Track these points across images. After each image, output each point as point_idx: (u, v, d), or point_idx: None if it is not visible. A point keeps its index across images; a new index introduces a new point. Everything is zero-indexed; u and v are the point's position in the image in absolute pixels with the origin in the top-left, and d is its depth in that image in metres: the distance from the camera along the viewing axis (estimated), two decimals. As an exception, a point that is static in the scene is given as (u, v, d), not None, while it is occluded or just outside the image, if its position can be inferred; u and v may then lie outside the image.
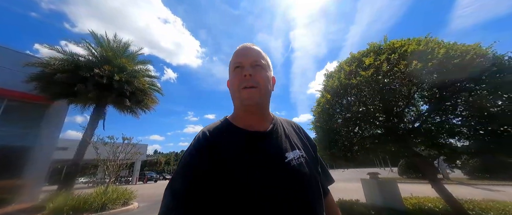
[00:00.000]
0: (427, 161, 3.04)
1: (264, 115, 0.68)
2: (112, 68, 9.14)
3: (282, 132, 0.69)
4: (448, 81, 2.08)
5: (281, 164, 0.58)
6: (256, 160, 0.56)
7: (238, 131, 0.63)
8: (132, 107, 10.95)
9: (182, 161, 0.57)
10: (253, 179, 0.52)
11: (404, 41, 2.61)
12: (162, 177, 35.60)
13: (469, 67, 1.95)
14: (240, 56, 0.66)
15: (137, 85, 10.01)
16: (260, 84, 0.62)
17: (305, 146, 0.70)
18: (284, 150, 0.61)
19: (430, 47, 2.22)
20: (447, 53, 2.06)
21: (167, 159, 56.39)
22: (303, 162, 0.61)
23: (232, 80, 0.66)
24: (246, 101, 0.61)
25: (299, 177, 0.57)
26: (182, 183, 0.52)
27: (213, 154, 0.55)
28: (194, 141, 0.60)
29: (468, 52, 2.02)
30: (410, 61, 2.17)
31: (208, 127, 0.65)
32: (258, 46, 0.70)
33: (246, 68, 0.62)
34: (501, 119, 1.84)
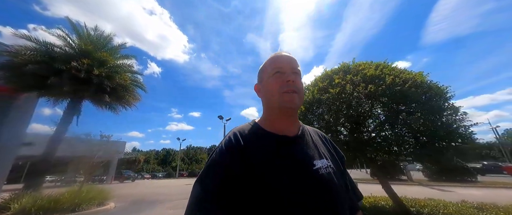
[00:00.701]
0: (385, 165, 3.51)
1: (295, 121, 0.69)
2: (91, 62, 8.70)
3: (310, 139, 0.69)
4: (392, 103, 2.57)
5: (310, 171, 0.57)
6: (285, 165, 0.56)
7: (268, 135, 0.63)
8: (112, 104, 10.50)
9: (212, 159, 0.58)
10: (282, 184, 0.52)
11: (366, 64, 3.09)
12: (141, 176, 34.00)
13: (406, 94, 2.45)
14: (281, 62, 0.68)
15: (118, 81, 9.62)
16: (300, 90, 0.64)
17: (332, 157, 0.69)
18: (312, 157, 0.61)
19: (383, 73, 2.71)
20: (393, 80, 2.56)
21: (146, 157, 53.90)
22: (331, 172, 0.60)
23: (272, 83, 0.66)
24: (288, 104, 0.62)
25: (328, 187, 0.56)
26: (213, 179, 0.53)
27: (244, 156, 0.56)
28: (225, 141, 0.61)
29: (407, 81, 2.54)
30: (367, 83, 2.63)
31: (238, 129, 0.66)
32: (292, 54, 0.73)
33: (287, 73, 0.64)
34: (425, 135, 2.36)
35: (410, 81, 2.51)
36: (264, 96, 0.70)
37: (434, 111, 2.46)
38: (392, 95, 2.51)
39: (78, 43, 9.25)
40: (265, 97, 0.69)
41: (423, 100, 2.49)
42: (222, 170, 0.54)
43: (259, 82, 0.74)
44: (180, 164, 50.83)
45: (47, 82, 7.78)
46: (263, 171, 0.53)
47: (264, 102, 0.70)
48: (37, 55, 8.02)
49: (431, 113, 2.44)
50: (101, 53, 9.36)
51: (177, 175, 37.65)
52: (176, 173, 38.18)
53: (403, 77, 2.60)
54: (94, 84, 8.76)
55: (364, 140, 2.88)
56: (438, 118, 2.46)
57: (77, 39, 9.30)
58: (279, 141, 0.62)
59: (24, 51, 7.74)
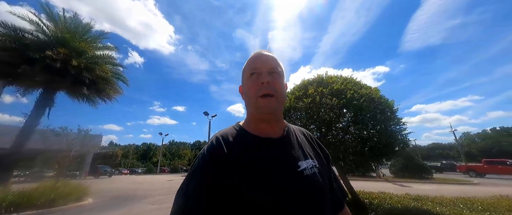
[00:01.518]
0: (350, 163, 4.00)
1: (278, 122, 0.67)
2: (69, 52, 8.23)
3: (295, 140, 0.67)
4: (351, 113, 3.09)
5: (294, 173, 0.57)
6: (270, 168, 0.55)
7: (252, 137, 0.62)
8: (90, 96, 10.02)
9: (194, 166, 0.58)
10: (267, 188, 0.51)
11: (335, 78, 3.59)
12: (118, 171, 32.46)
13: (361, 106, 2.97)
14: (257, 62, 0.65)
15: (99, 72, 9.22)
16: (277, 92, 0.61)
17: (317, 156, 0.68)
18: (297, 158, 0.60)
19: (346, 88, 3.21)
20: (352, 95, 3.06)
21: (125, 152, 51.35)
22: (316, 172, 0.60)
23: (248, 86, 0.64)
24: (264, 110, 0.61)
25: (313, 189, 0.56)
26: (194, 186, 0.52)
27: (227, 161, 0.55)
28: (207, 146, 0.60)
29: (363, 96, 3.06)
30: (334, 96, 3.11)
31: (221, 133, 0.65)
32: (273, 52, 0.69)
33: (263, 74, 0.62)
34: (371, 141, 2.93)
35: (364, 96, 3.03)
36: (245, 99, 0.68)
37: (384, 122, 3.02)
38: (351, 107, 3.02)
39: (54, 30, 8.64)
40: (246, 101, 0.68)
41: (376, 112, 3.03)
42: (205, 178, 0.53)
43: (242, 83, 0.71)
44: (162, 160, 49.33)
45: (17, 70, 7.25)
46: (247, 176, 0.52)
47: (246, 104, 0.68)
48: (6, 41, 7.39)
49: (382, 123, 3.00)
50: (80, 42, 8.87)
51: (158, 170, 36.63)
52: (157, 168, 37.12)
53: (360, 92, 3.11)
54: (72, 76, 8.32)
55: (330, 142, 3.36)
56: (384, 128, 3.02)
57: (53, 26, 8.67)
58: (263, 143, 0.61)
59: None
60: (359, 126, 2.94)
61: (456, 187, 8.71)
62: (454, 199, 2.89)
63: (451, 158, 45.63)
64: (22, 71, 7.21)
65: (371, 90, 3.31)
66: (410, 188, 8.46)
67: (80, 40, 9.17)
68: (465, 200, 2.79)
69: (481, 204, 2.52)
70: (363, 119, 3.06)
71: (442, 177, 14.27)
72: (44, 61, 7.60)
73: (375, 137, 2.95)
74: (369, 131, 2.98)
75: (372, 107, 3.02)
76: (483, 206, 2.41)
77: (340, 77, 3.58)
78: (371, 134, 3.01)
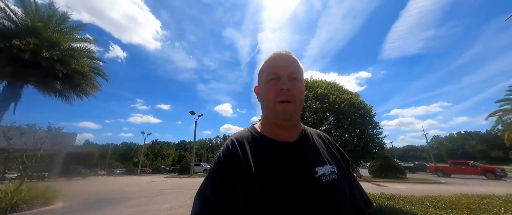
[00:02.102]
0: None
1: (295, 127, 0.66)
2: (39, 42, 7.55)
3: (313, 144, 0.65)
4: (332, 117, 3.25)
5: (312, 179, 0.54)
6: (286, 173, 0.53)
7: (267, 141, 0.61)
8: (64, 92, 9.28)
9: (211, 169, 0.58)
10: (283, 194, 0.50)
11: (320, 82, 3.74)
12: (94, 172, 30.39)
13: (342, 111, 3.14)
14: (277, 66, 0.63)
15: (74, 66, 8.58)
16: (296, 99, 0.59)
17: (337, 161, 0.64)
18: (314, 164, 0.58)
19: (329, 92, 3.36)
20: (334, 99, 3.22)
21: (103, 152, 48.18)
22: (335, 179, 0.57)
23: (266, 90, 0.62)
24: (281, 116, 0.59)
25: (332, 195, 0.53)
26: (211, 190, 0.53)
27: (242, 164, 0.54)
28: (223, 149, 0.60)
29: (344, 100, 3.24)
30: (317, 100, 3.23)
31: (237, 136, 0.64)
32: (293, 54, 0.67)
33: (283, 80, 0.60)
34: (351, 144, 3.12)
35: (346, 101, 3.21)
36: (261, 102, 0.66)
37: (363, 126, 3.21)
38: (332, 111, 3.17)
39: (23, 18, 7.88)
40: (262, 104, 0.66)
41: (356, 116, 3.22)
42: (222, 180, 0.53)
43: (258, 84, 0.69)
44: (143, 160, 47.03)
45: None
46: (263, 180, 0.51)
47: (262, 107, 0.67)
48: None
49: (361, 126, 3.19)
50: (53, 33, 8.18)
51: (139, 171, 34.92)
52: (138, 169, 35.39)
53: (342, 97, 3.28)
54: (42, 68, 7.66)
55: None
56: (363, 131, 3.22)
57: (23, 13, 7.91)
58: (279, 147, 0.59)
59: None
60: (339, 130, 3.11)
61: (425, 186, 9.48)
62: (422, 198, 3.16)
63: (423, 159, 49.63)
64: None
65: (352, 95, 3.50)
66: (385, 188, 9.02)
67: (53, 30, 8.47)
68: (431, 199, 3.07)
69: (444, 202, 2.78)
70: (343, 123, 3.23)
71: (414, 177, 15.42)
72: (10, 51, 6.91)
73: (354, 140, 3.13)
74: (350, 134, 3.15)
75: (352, 111, 3.20)
76: (446, 204, 2.67)
77: (324, 82, 3.74)
78: (351, 137, 3.18)
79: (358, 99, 3.47)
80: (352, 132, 3.22)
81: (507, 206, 2.46)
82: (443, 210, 2.42)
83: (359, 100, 3.46)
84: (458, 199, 2.89)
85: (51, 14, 8.66)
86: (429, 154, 36.34)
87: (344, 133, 3.23)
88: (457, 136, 70.47)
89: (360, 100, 3.48)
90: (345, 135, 3.12)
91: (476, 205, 2.56)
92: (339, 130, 3.15)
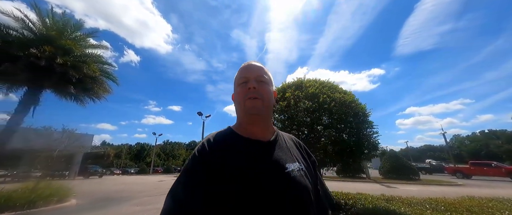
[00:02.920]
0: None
1: (267, 126, 0.70)
2: (54, 50, 8.08)
3: (284, 144, 0.71)
4: (325, 116, 3.17)
5: (282, 173, 0.58)
6: (258, 169, 0.57)
7: (241, 139, 0.65)
8: (78, 95, 9.86)
9: (184, 167, 0.59)
10: (255, 188, 0.52)
11: (313, 81, 3.66)
12: (110, 171, 31.87)
13: (332, 110, 3.05)
14: (245, 71, 0.71)
15: (86, 71, 9.07)
16: (263, 96, 0.65)
17: (305, 161, 0.71)
18: (285, 160, 0.62)
19: (321, 92, 3.28)
20: (325, 99, 3.13)
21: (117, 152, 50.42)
22: (303, 174, 0.62)
23: (238, 92, 0.69)
24: (250, 110, 0.64)
25: (300, 188, 0.58)
26: (184, 188, 0.54)
27: (217, 162, 0.56)
28: (198, 148, 0.62)
29: (334, 100, 3.14)
30: (308, 100, 3.17)
31: (212, 135, 0.67)
32: (260, 62, 0.75)
33: (251, 81, 0.67)
34: (342, 144, 3.00)
35: (336, 100, 3.11)
36: (235, 104, 0.72)
37: (356, 125, 3.10)
38: (322, 110, 3.08)
39: (40, 27, 8.49)
40: (235, 106, 0.72)
41: (347, 115, 3.11)
42: (193, 178, 0.55)
43: (234, 91, 0.76)
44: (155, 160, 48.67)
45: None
46: (236, 176, 0.54)
47: (236, 110, 0.72)
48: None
49: (352, 126, 3.09)
50: (67, 40, 8.72)
51: (151, 171, 36.15)
52: (150, 169, 36.63)
53: (333, 96, 3.19)
54: (57, 74, 8.18)
55: (311, 143, 3.42)
56: (354, 131, 3.11)
57: (40, 23, 8.51)
58: (253, 145, 0.63)
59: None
60: (329, 130, 3.02)
61: (439, 188, 8.93)
62: (422, 200, 2.99)
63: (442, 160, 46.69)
64: (5, 68, 7.05)
65: (344, 94, 3.39)
66: (395, 189, 8.63)
67: (67, 38, 9.03)
68: (432, 201, 2.89)
69: (444, 204, 2.61)
70: (332, 122, 3.14)
71: (429, 179, 14.59)
72: (28, 59, 7.45)
73: (344, 138, 3.03)
74: (340, 134, 3.06)
75: (341, 110, 3.10)
76: (446, 206, 2.51)
77: (318, 81, 3.66)
78: (340, 136, 3.08)
79: (352, 98, 3.36)
80: (342, 132, 3.12)
81: (504, 207, 2.27)
82: (441, 212, 2.28)
83: (352, 99, 3.34)
84: (461, 202, 2.70)
85: (66, 23, 9.26)
86: (449, 155, 34.14)
87: (334, 131, 3.11)
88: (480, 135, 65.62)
89: (353, 99, 3.37)
90: (332, 133, 3.03)
91: (479, 208, 2.38)
92: (328, 130, 3.05)
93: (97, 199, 7.77)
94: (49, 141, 7.78)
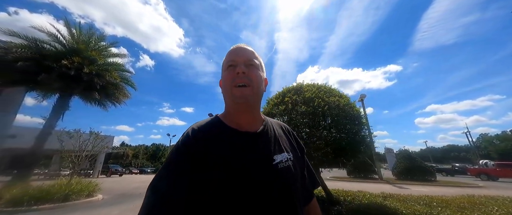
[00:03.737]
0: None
1: (255, 115, 0.67)
2: (82, 60, 9.02)
3: (272, 134, 0.68)
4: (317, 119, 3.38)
5: (269, 166, 0.58)
6: (245, 161, 0.55)
7: (228, 130, 0.62)
8: (101, 100, 10.84)
9: (168, 159, 0.56)
10: (241, 180, 0.51)
11: (311, 86, 3.89)
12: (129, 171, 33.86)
13: (326, 114, 3.26)
14: (234, 54, 0.65)
15: (108, 78, 9.99)
16: (253, 82, 0.62)
17: (293, 149, 0.70)
18: (272, 152, 0.61)
19: (316, 96, 3.50)
20: (319, 103, 3.35)
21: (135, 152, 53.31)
22: (290, 165, 0.61)
23: (225, 77, 0.64)
24: (238, 99, 0.60)
25: (286, 181, 0.58)
26: (167, 181, 0.51)
27: (200, 150, 0.54)
28: (182, 138, 0.59)
29: (327, 103, 3.34)
30: (304, 104, 3.43)
31: (198, 124, 0.64)
32: (251, 47, 0.69)
33: (239, 66, 0.62)
34: (335, 144, 3.20)
35: (330, 104, 3.33)
36: (222, 91, 0.68)
37: (350, 126, 3.29)
38: (316, 113, 3.31)
39: (70, 40, 9.51)
40: (223, 93, 0.67)
41: (341, 117, 3.31)
42: (175, 169, 0.52)
43: (221, 77, 0.70)
44: (170, 160, 50.50)
45: (36, 78, 8.08)
46: (223, 169, 0.52)
47: (223, 97, 0.68)
48: (28, 52, 8.27)
49: (345, 127, 3.28)
50: (92, 51, 9.68)
51: (166, 170, 37.78)
52: (165, 168, 38.30)
53: (327, 100, 3.40)
54: (84, 82, 9.11)
55: (312, 145, 3.65)
56: (354, 133, 3.29)
57: (69, 37, 9.54)
58: (240, 137, 0.61)
59: (15, 49, 7.99)
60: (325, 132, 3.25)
61: (454, 190, 8.59)
62: (417, 198, 3.10)
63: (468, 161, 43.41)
64: (41, 79, 8.03)
65: (340, 98, 3.60)
66: (407, 190, 8.47)
67: (92, 49, 10.01)
68: (427, 198, 3.00)
69: (437, 201, 2.74)
70: (324, 124, 3.36)
71: (448, 180, 13.90)
72: (60, 70, 8.41)
73: (338, 140, 3.24)
74: (332, 135, 3.27)
75: (334, 113, 3.32)
76: (438, 203, 2.63)
77: (315, 85, 3.89)
78: (332, 136, 3.29)
79: (346, 101, 3.56)
80: (339, 133, 3.32)
81: (503, 205, 2.36)
82: (430, 208, 2.42)
83: (346, 102, 3.54)
84: (454, 200, 2.79)
85: (91, 35, 10.28)
86: (476, 155, 31.77)
87: (325, 133, 3.32)
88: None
89: (348, 103, 3.57)
90: (326, 134, 3.23)
91: (470, 204, 2.49)
92: (319, 132, 3.27)
93: (119, 195, 8.53)
94: (79, 142, 8.69)
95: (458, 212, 2.21)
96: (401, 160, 13.33)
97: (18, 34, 8.33)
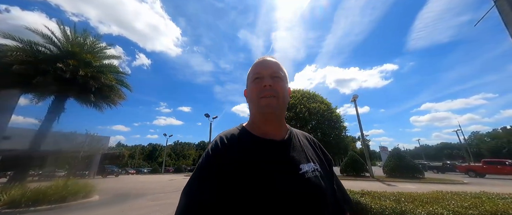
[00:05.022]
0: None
1: (281, 125, 0.69)
2: (77, 63, 9.10)
3: (298, 143, 0.69)
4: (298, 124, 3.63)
5: (296, 175, 0.57)
6: (271, 170, 0.56)
7: (254, 138, 0.64)
8: (97, 102, 10.90)
9: (199, 165, 0.59)
10: (268, 189, 0.52)
11: (295, 92, 4.13)
12: (125, 171, 33.72)
13: (307, 119, 3.51)
14: (260, 67, 0.69)
15: (104, 81, 10.08)
16: (278, 94, 0.64)
17: (320, 161, 0.69)
18: (299, 161, 0.61)
19: (299, 102, 3.75)
20: (301, 109, 3.60)
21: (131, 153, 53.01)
22: (318, 175, 0.60)
23: (252, 89, 0.68)
24: (265, 109, 0.63)
25: (314, 191, 0.57)
26: (198, 186, 0.54)
27: (230, 161, 0.56)
28: (211, 146, 0.62)
29: (308, 109, 3.59)
30: (288, 110, 3.66)
31: (225, 133, 0.66)
32: (275, 58, 0.73)
33: (266, 78, 0.65)
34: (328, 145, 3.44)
35: (310, 109, 3.58)
36: (248, 101, 0.71)
37: (328, 130, 3.55)
38: (298, 119, 3.58)
39: (65, 43, 9.54)
40: (249, 103, 0.71)
41: (320, 122, 3.58)
42: (209, 177, 0.54)
43: (246, 87, 0.74)
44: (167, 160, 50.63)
45: (32, 81, 8.14)
46: (249, 176, 0.53)
47: (249, 107, 0.71)
48: (23, 55, 8.31)
49: (325, 131, 3.54)
50: (87, 54, 9.73)
51: (162, 170, 37.82)
52: (162, 168, 38.33)
53: (308, 106, 3.66)
54: (79, 84, 9.19)
55: None
56: (333, 136, 3.55)
57: (64, 39, 9.57)
58: (266, 145, 0.63)
59: (10, 52, 8.02)
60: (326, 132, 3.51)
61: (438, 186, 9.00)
62: (390, 194, 3.37)
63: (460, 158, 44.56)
64: (36, 82, 8.10)
65: (321, 103, 3.87)
66: (394, 187, 8.86)
67: (87, 51, 10.07)
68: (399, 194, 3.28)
69: (405, 197, 3.03)
70: (309, 128, 3.63)
71: (435, 177, 14.44)
72: (55, 73, 8.49)
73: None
74: (317, 136, 3.54)
75: (314, 118, 3.58)
76: (406, 198, 2.92)
77: (299, 92, 4.22)
78: (318, 139, 3.57)
79: (327, 107, 3.84)
80: (315, 136, 3.61)
81: (460, 200, 2.67)
82: (397, 203, 2.70)
83: (327, 108, 3.82)
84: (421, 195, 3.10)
85: (85, 36, 10.32)
86: (468, 153, 32.70)
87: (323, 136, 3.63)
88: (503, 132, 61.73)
89: (329, 108, 3.84)
90: None
91: (432, 199, 2.78)
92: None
93: (116, 195, 8.68)
94: (74, 144, 8.78)
95: (420, 206, 2.49)
96: (391, 158, 13.77)
97: (13, 36, 8.36)
